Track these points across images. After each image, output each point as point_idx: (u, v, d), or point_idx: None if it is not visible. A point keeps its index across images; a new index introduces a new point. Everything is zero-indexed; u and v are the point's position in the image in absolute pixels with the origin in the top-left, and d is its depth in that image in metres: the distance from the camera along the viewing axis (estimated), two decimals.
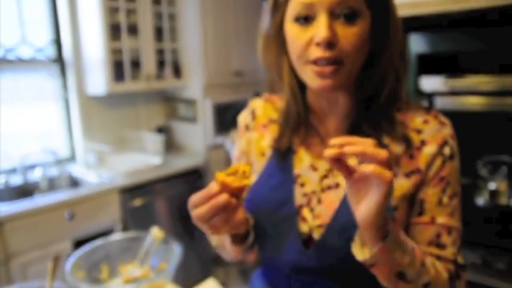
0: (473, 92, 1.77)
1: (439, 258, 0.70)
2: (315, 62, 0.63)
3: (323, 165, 0.75)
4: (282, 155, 0.78)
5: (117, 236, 1.03)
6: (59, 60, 2.66)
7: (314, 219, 0.73)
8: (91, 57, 2.58)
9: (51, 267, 0.77)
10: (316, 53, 0.62)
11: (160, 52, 2.89)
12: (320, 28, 0.61)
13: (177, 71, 3.03)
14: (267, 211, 0.76)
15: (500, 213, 1.63)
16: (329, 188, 0.74)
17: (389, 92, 0.70)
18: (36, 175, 2.41)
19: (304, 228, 0.73)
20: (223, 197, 0.57)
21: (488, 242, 1.43)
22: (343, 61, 0.63)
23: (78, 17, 2.60)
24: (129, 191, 2.40)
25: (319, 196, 0.74)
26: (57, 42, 2.64)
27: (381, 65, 0.69)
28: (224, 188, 0.58)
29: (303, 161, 0.77)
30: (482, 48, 1.74)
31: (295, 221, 0.74)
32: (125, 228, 2.38)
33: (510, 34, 1.60)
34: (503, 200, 1.74)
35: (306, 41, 0.64)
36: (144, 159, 2.71)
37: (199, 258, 2.86)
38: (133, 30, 2.66)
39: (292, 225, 0.74)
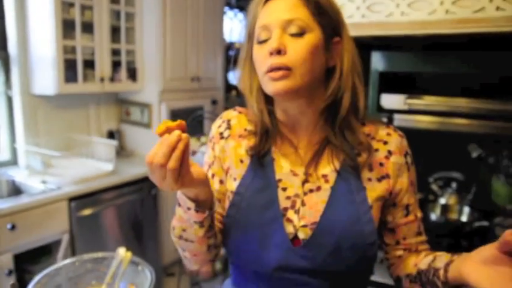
0: (428, 112, 1.85)
1: (422, 243, 0.89)
2: (270, 70, 0.74)
3: (301, 171, 0.83)
4: (262, 162, 0.84)
5: (81, 257, 0.94)
6: (3, 54, 2.44)
7: (299, 220, 0.80)
8: (40, 54, 2.40)
9: None
10: (270, 61, 0.74)
11: (115, 53, 2.76)
12: (272, 40, 0.75)
13: (133, 74, 2.91)
14: (252, 213, 0.82)
15: (451, 227, 1.72)
16: (311, 191, 0.82)
17: (349, 105, 0.80)
18: None
19: (289, 228, 0.80)
20: (176, 133, 0.63)
21: None
22: (291, 68, 0.74)
23: (26, 9, 2.40)
24: (78, 200, 2.25)
25: (302, 199, 0.81)
26: (2, 34, 2.42)
27: (335, 79, 0.79)
28: (169, 130, 0.64)
29: (282, 168, 0.84)
30: (438, 70, 1.83)
31: (281, 222, 0.80)
32: (72, 239, 2.22)
33: (465, 58, 1.70)
34: (453, 215, 1.84)
35: (264, 55, 0.76)
36: (95, 165, 2.56)
37: None
38: (88, 28, 2.52)
39: (278, 226, 0.80)
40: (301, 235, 0.79)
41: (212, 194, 0.77)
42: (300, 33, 0.74)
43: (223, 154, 0.89)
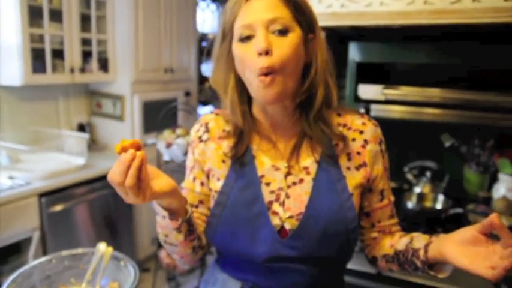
0: (404, 102, 1.88)
1: (394, 225, 0.94)
2: (261, 74, 0.74)
3: (283, 165, 0.86)
4: (243, 161, 0.86)
5: (58, 254, 0.90)
6: None
7: (285, 212, 0.83)
8: (4, 43, 2.27)
9: None
10: (260, 63, 0.74)
11: (85, 43, 2.66)
12: (259, 40, 0.74)
13: (104, 65, 2.81)
14: (238, 210, 0.84)
15: (427, 214, 1.76)
16: (294, 183, 0.85)
17: (322, 98, 0.82)
18: None
19: (275, 221, 0.83)
20: (130, 151, 0.65)
21: None
22: (278, 70, 0.74)
23: None
24: (49, 195, 2.16)
25: (286, 191, 0.84)
26: None
27: (311, 74, 0.82)
28: (124, 149, 0.66)
29: (264, 164, 0.86)
30: (415, 61, 1.86)
31: (267, 216, 0.83)
32: (43, 237, 2.14)
33: (440, 50, 1.72)
34: (428, 203, 1.88)
35: (251, 54, 0.75)
36: (65, 159, 2.47)
37: None
38: (56, 16, 2.40)
39: (264, 219, 0.82)
40: (288, 226, 0.82)
41: (186, 201, 0.79)
42: (284, 31, 0.76)
43: (203, 157, 0.91)
